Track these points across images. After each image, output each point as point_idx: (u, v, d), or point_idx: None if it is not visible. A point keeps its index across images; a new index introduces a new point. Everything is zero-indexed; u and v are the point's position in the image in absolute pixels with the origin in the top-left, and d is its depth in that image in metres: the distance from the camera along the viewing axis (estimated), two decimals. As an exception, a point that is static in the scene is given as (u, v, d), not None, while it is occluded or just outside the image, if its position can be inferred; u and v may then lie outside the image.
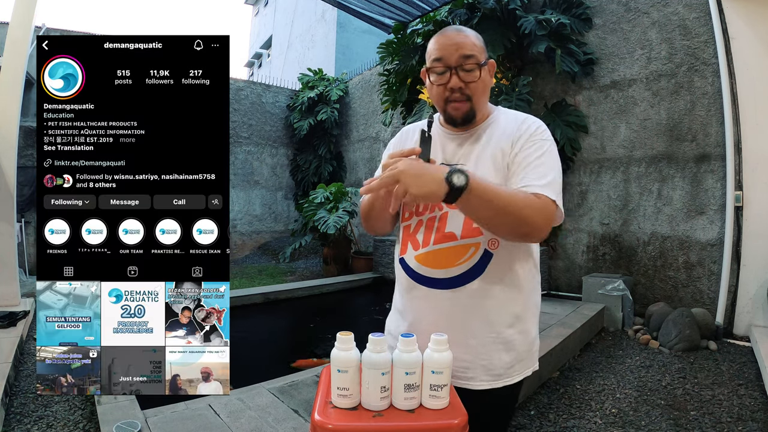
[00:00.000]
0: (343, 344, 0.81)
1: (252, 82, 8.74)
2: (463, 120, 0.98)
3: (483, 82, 0.98)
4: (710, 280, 3.60)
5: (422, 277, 0.98)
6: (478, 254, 0.94)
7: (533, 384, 2.52)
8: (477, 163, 0.96)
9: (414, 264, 0.99)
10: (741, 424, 2.12)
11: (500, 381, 0.97)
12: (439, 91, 0.97)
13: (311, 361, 2.75)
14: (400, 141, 1.13)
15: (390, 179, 0.80)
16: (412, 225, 1.01)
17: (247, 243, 8.42)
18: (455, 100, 0.96)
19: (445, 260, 0.95)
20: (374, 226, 1.06)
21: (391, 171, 0.81)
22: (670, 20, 3.84)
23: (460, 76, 0.94)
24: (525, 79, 4.29)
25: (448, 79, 0.95)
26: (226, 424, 1.80)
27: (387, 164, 0.86)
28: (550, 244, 4.63)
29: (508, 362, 0.97)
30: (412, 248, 1.00)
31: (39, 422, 2.03)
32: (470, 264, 0.94)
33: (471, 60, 0.94)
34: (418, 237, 0.99)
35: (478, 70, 0.95)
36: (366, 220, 1.07)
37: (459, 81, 0.94)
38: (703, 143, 3.67)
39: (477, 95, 0.97)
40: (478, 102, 0.98)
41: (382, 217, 1.01)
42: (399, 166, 0.81)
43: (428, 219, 0.98)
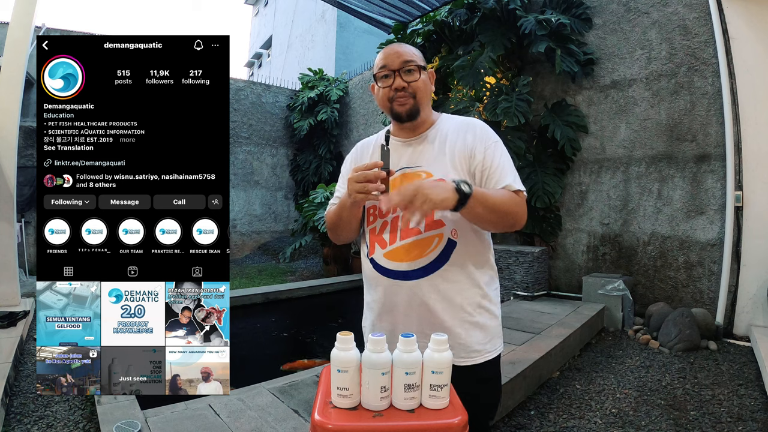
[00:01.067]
0: (343, 344, 0.81)
1: (252, 82, 8.74)
2: (408, 115, 1.09)
3: (424, 83, 1.10)
4: (710, 280, 3.60)
5: (392, 271, 1.06)
6: (442, 244, 1.04)
7: (533, 384, 2.52)
8: (434, 163, 1.08)
9: (383, 261, 1.08)
10: (741, 424, 2.12)
11: (480, 357, 1.06)
12: (385, 92, 1.10)
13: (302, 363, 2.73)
14: (357, 155, 1.23)
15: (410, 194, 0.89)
16: (377, 227, 1.10)
17: (247, 243, 8.42)
18: (399, 97, 1.08)
19: (413, 253, 1.05)
20: (341, 235, 1.16)
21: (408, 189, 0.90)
22: (670, 20, 3.84)
23: (403, 77, 1.08)
24: (525, 79, 4.29)
25: (392, 81, 1.08)
26: (226, 424, 1.80)
27: (353, 178, 0.96)
28: (550, 244, 4.63)
29: (482, 340, 1.07)
30: (380, 247, 1.09)
31: (39, 422, 2.03)
32: (436, 253, 1.04)
33: (411, 64, 1.08)
34: (384, 236, 1.08)
35: (417, 71, 1.09)
36: (333, 230, 1.17)
37: (402, 81, 1.08)
38: (703, 143, 3.67)
39: (419, 93, 1.09)
40: (421, 101, 1.10)
41: (349, 226, 1.11)
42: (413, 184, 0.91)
43: (392, 219, 1.08)
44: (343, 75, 8.62)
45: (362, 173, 0.96)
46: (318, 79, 8.43)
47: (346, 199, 1.04)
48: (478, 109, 4.46)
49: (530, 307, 3.79)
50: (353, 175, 0.97)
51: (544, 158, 4.47)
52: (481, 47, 4.43)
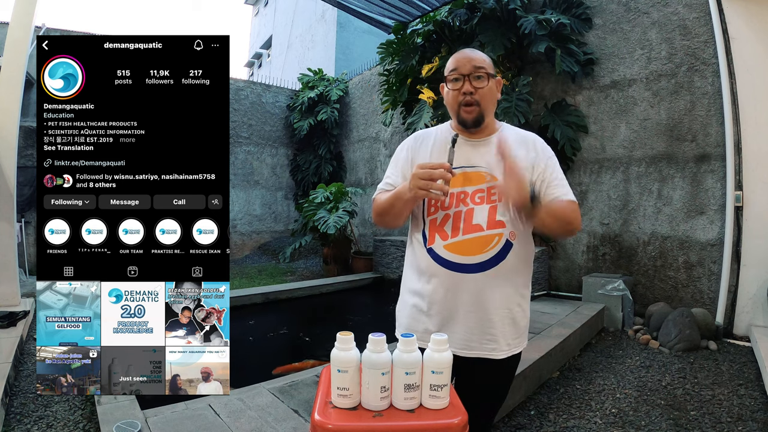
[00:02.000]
0: (343, 344, 0.81)
1: (252, 82, 8.74)
2: (473, 123, 1.15)
3: (491, 91, 1.15)
4: (710, 280, 3.60)
5: (452, 263, 1.11)
6: (501, 243, 1.11)
7: (533, 384, 2.52)
8: (496, 167, 1.12)
9: (444, 252, 1.12)
10: (741, 424, 2.12)
11: (510, 351, 1.15)
12: (454, 95, 1.15)
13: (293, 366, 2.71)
14: (415, 145, 1.25)
15: (514, 174, 1.00)
16: (439, 218, 1.14)
17: (247, 243, 8.42)
18: (467, 104, 1.13)
19: (475, 248, 1.10)
20: (388, 223, 1.19)
21: (511, 177, 0.99)
22: (670, 20, 3.84)
23: (472, 82, 1.12)
24: (525, 79, 4.29)
25: (462, 85, 1.13)
26: (226, 424, 1.79)
27: (418, 174, 1.01)
28: (550, 244, 4.62)
29: (514, 335, 1.16)
30: (440, 239, 1.13)
31: (39, 422, 2.03)
32: (495, 251, 1.11)
33: (481, 70, 1.13)
34: (446, 229, 1.13)
35: (486, 79, 1.14)
36: (381, 216, 1.19)
37: (470, 86, 1.12)
38: (703, 143, 3.67)
39: (485, 101, 1.14)
40: (486, 108, 1.15)
41: (399, 215, 1.15)
42: (518, 175, 1.00)
43: (455, 213, 1.13)
44: (343, 75, 8.62)
45: (428, 171, 1.00)
46: (318, 79, 8.43)
47: (404, 190, 1.06)
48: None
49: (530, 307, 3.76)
50: (418, 171, 1.01)
51: (544, 158, 4.47)
52: (481, 47, 4.42)
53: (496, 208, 1.11)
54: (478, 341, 1.11)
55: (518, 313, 1.17)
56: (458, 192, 1.13)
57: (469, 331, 1.11)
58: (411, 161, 1.21)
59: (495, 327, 1.12)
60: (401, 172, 1.22)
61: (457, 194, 1.13)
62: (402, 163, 1.23)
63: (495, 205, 1.11)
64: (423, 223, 1.18)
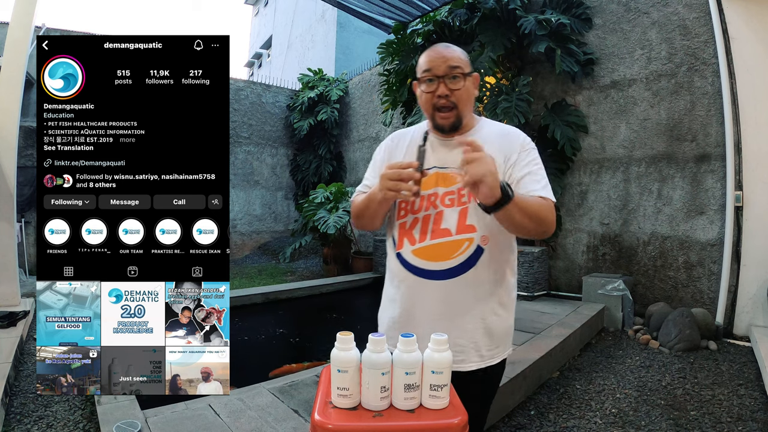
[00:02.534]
0: (343, 344, 0.81)
1: (252, 82, 8.74)
2: (450, 128, 1.09)
3: (467, 91, 1.09)
4: (710, 280, 3.60)
5: (419, 269, 1.07)
6: (471, 249, 1.05)
7: (533, 384, 2.52)
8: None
9: (411, 258, 1.08)
10: (741, 424, 2.12)
11: (484, 362, 1.08)
12: (428, 98, 1.08)
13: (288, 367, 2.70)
14: (392, 145, 1.21)
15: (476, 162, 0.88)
16: (408, 222, 1.09)
17: (247, 243, 8.42)
18: (443, 107, 1.07)
19: (442, 254, 1.05)
20: (365, 225, 1.15)
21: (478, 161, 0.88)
22: (670, 20, 3.84)
23: (447, 84, 1.06)
24: (525, 79, 4.29)
25: (436, 87, 1.06)
26: (226, 424, 1.80)
27: (386, 175, 0.96)
28: (550, 244, 4.62)
29: (490, 345, 1.08)
30: (409, 243, 1.08)
31: (39, 422, 2.03)
32: (464, 257, 1.04)
33: (456, 70, 1.06)
34: (414, 233, 1.08)
35: (463, 79, 1.07)
36: (358, 218, 1.16)
37: (446, 89, 1.06)
38: (703, 143, 3.67)
39: (462, 103, 1.08)
40: (463, 110, 1.09)
41: (374, 217, 1.10)
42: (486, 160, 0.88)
43: (424, 216, 1.07)
44: (343, 75, 8.61)
45: (396, 171, 0.96)
46: (318, 79, 8.43)
47: (377, 192, 1.02)
48: (479, 108, 4.46)
49: (530, 307, 3.78)
50: (387, 171, 0.97)
51: (544, 158, 4.39)
52: (481, 47, 4.43)
53: (467, 211, 1.05)
54: None
55: (493, 322, 1.08)
56: (429, 194, 1.08)
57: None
58: (387, 162, 1.15)
59: (463, 337, 1.05)
60: (378, 173, 1.13)
61: (428, 196, 1.08)
62: (379, 164, 1.19)
63: (465, 207, 1.05)
64: (393, 226, 1.14)
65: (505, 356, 1.13)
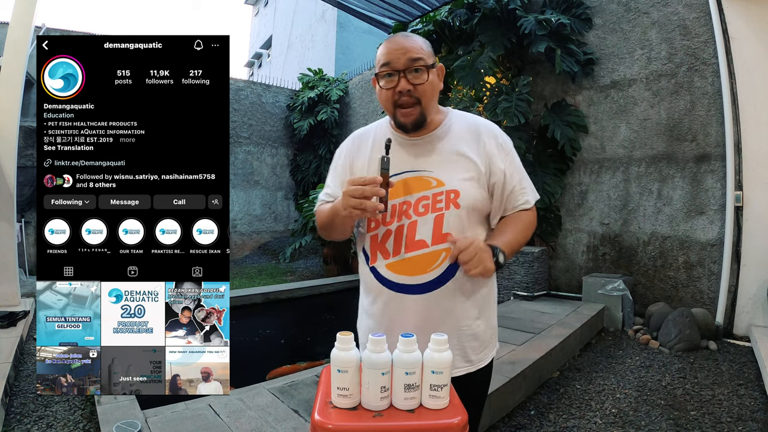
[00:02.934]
0: (343, 344, 0.81)
1: (252, 82, 8.74)
2: (413, 125, 1.00)
3: (431, 85, 0.99)
4: (710, 280, 3.60)
5: (395, 284, 1.01)
6: (447, 262, 0.98)
7: (533, 384, 2.52)
8: (444, 170, 1.00)
9: (386, 272, 1.02)
10: (741, 424, 2.12)
11: (473, 366, 1.05)
12: (388, 95, 0.99)
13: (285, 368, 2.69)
14: (353, 148, 1.12)
15: (470, 254, 0.91)
16: (380, 234, 1.02)
17: (247, 243, 8.42)
18: (404, 105, 0.98)
19: (418, 267, 0.99)
20: (333, 236, 1.10)
21: (475, 249, 0.91)
22: (670, 20, 3.84)
23: (408, 78, 0.97)
24: (525, 79, 4.29)
25: (397, 83, 0.97)
26: (226, 424, 1.80)
27: (348, 192, 0.89)
28: (550, 244, 4.62)
29: (478, 348, 1.06)
30: (382, 257, 1.02)
31: (39, 422, 2.03)
32: (441, 269, 0.99)
33: (418, 62, 0.97)
34: (387, 246, 1.01)
35: (425, 72, 0.97)
36: (324, 230, 1.10)
37: (407, 83, 0.97)
38: (703, 143, 3.67)
39: (426, 98, 0.99)
40: (427, 105, 1.00)
41: (341, 230, 1.05)
42: (478, 246, 0.91)
43: (397, 228, 1.00)
44: (343, 75, 8.61)
45: (359, 188, 0.88)
46: (318, 79, 8.43)
47: (340, 208, 0.93)
48: (478, 108, 4.46)
49: (530, 307, 3.79)
50: (349, 188, 0.89)
51: (544, 158, 4.47)
52: (481, 47, 4.43)
53: (443, 218, 0.98)
54: None
55: (478, 327, 1.04)
56: (400, 203, 0.99)
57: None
58: (350, 167, 1.09)
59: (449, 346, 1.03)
60: (340, 180, 1.09)
61: (399, 205, 1.00)
62: (340, 170, 1.10)
63: (441, 214, 0.98)
64: (364, 239, 1.07)
65: (493, 355, 1.11)
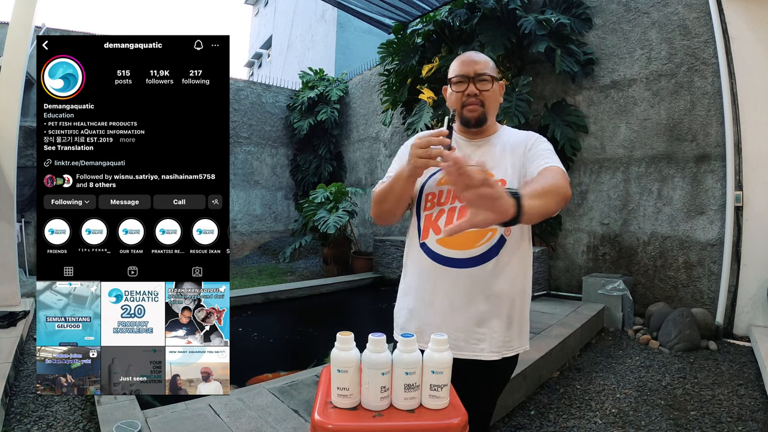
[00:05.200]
0: (343, 344, 0.81)
1: (252, 82, 8.73)
2: (476, 122, 1.15)
3: (494, 94, 1.16)
4: (710, 280, 3.60)
5: (444, 258, 1.09)
6: (495, 238, 1.08)
7: (533, 384, 2.52)
8: (495, 167, 1.12)
9: (436, 247, 1.11)
10: (741, 424, 2.12)
11: (501, 353, 1.10)
12: (458, 97, 1.15)
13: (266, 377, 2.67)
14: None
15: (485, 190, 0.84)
16: (434, 214, 1.13)
17: (247, 243, 8.42)
18: (471, 104, 1.13)
19: (467, 242, 1.08)
20: (387, 209, 1.14)
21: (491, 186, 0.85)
22: (670, 20, 3.84)
23: (476, 85, 1.13)
24: (525, 79, 4.29)
25: (466, 87, 1.14)
26: (226, 424, 1.79)
27: (417, 143, 0.98)
28: (550, 244, 4.62)
29: (509, 337, 1.12)
30: (434, 233, 1.11)
31: (39, 422, 2.03)
32: (488, 246, 1.08)
33: (485, 74, 1.14)
34: (439, 223, 1.11)
35: (490, 82, 1.15)
36: (379, 204, 1.14)
37: (475, 88, 1.13)
38: (703, 143, 3.67)
39: (489, 103, 1.15)
40: (489, 109, 1.16)
41: (398, 200, 1.10)
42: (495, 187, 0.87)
43: (449, 208, 1.10)
44: (343, 75, 8.61)
45: (427, 138, 0.98)
46: (318, 79, 8.43)
47: (404, 169, 1.04)
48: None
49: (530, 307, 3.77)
50: (416, 141, 0.99)
51: (544, 158, 4.47)
52: (481, 47, 4.43)
53: None
54: (465, 340, 1.07)
55: (515, 313, 1.13)
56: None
57: (457, 329, 1.07)
58: None
59: (485, 326, 1.08)
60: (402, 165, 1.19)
61: (453, 190, 1.08)
62: (404, 157, 1.16)
63: None
64: (419, 218, 1.17)
65: (521, 350, 1.17)
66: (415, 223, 1.18)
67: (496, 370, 1.12)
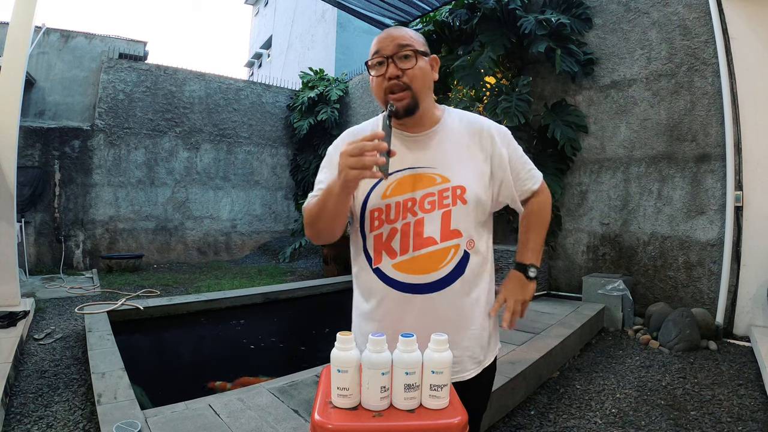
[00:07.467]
0: (343, 344, 0.81)
1: (252, 82, 8.73)
2: (405, 111, 0.96)
3: (421, 71, 0.97)
4: (710, 280, 3.60)
5: (402, 284, 0.97)
6: (458, 256, 0.97)
7: (533, 384, 2.52)
8: (449, 167, 0.98)
9: (393, 273, 0.97)
10: (741, 424, 2.12)
11: (481, 366, 1.05)
12: (379, 81, 0.97)
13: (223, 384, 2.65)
14: (352, 140, 1.05)
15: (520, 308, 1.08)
16: (384, 233, 0.98)
17: (247, 243, 8.42)
18: (394, 90, 0.95)
19: (427, 265, 0.96)
20: (322, 230, 0.99)
21: (523, 299, 1.08)
22: (670, 20, 3.84)
23: (397, 64, 0.95)
24: (525, 79, 4.29)
25: (386, 69, 0.95)
26: (226, 424, 1.79)
27: (347, 151, 0.80)
28: (550, 244, 4.62)
29: (483, 350, 1.05)
30: (388, 257, 0.98)
31: (39, 422, 2.03)
32: (452, 265, 0.97)
33: (406, 48, 0.95)
34: (393, 245, 0.97)
35: (414, 57, 0.96)
36: (312, 224, 0.99)
37: (396, 69, 0.95)
38: (703, 143, 3.67)
39: (416, 84, 0.96)
40: (419, 92, 0.96)
41: (332, 219, 0.94)
42: (522, 294, 1.08)
43: (403, 225, 0.96)
44: (343, 75, 8.61)
45: (359, 144, 0.79)
46: (318, 79, 8.43)
47: (334, 183, 0.87)
48: (479, 108, 4.46)
49: (530, 307, 3.75)
50: (347, 147, 0.80)
51: (544, 158, 4.47)
52: (481, 47, 4.43)
53: (450, 214, 0.95)
54: None
55: (484, 326, 1.03)
56: (405, 200, 0.96)
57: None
58: None
59: (458, 348, 0.96)
60: (332, 176, 0.97)
61: (403, 202, 0.97)
62: (335, 166, 0.93)
63: (448, 210, 0.95)
64: (364, 239, 1.02)
65: (497, 351, 1.11)
66: (360, 244, 1.03)
67: (480, 382, 1.05)
